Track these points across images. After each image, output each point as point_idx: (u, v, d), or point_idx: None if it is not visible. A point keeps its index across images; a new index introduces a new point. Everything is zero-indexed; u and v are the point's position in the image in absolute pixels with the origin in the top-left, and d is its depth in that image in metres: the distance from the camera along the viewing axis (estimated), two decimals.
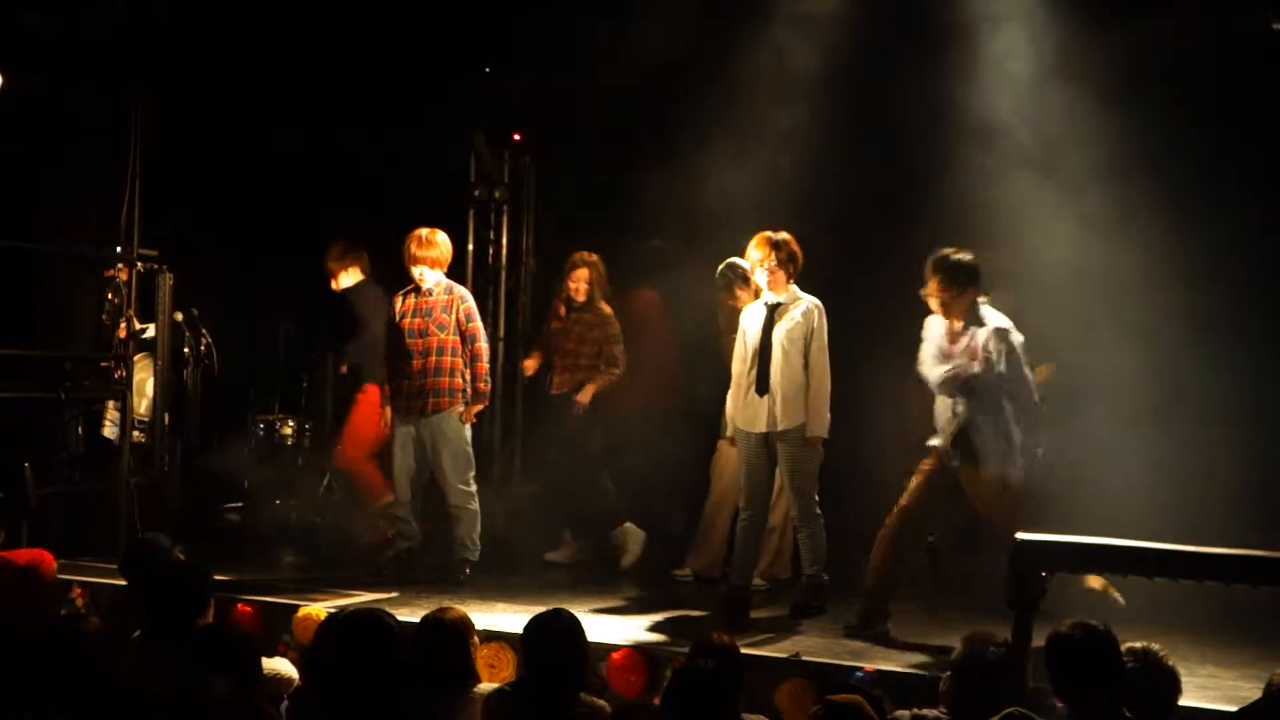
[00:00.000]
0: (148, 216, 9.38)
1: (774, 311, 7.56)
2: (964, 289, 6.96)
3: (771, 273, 7.52)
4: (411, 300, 8.30)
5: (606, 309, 8.99)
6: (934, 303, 7.00)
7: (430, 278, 8.25)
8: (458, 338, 8.25)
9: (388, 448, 8.45)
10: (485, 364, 8.35)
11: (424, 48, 10.43)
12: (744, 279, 8.09)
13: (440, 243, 8.29)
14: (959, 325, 7.00)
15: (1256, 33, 7.93)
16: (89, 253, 9.73)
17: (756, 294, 7.84)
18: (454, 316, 8.25)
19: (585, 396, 8.86)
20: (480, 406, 8.38)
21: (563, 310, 9.04)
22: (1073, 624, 4.64)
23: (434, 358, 8.20)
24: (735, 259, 8.24)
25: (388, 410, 8.33)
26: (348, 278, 9.62)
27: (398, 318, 8.31)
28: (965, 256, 7.00)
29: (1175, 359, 8.30)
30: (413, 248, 8.22)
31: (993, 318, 6.99)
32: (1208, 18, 8.26)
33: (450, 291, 8.31)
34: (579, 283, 8.95)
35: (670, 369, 9.29)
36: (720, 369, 8.15)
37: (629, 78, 9.24)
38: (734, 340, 7.96)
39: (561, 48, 9.88)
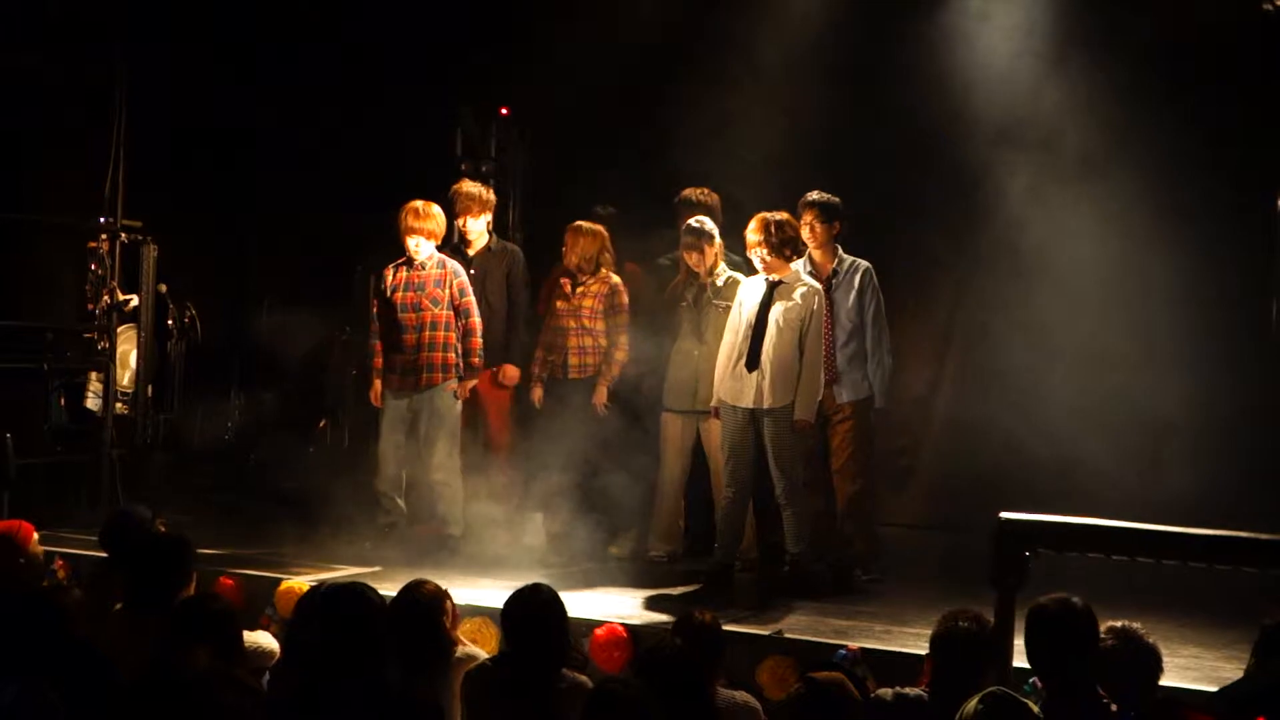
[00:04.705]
0: (133, 187, 9.33)
1: (774, 289, 7.54)
2: (835, 225, 7.85)
3: (768, 255, 7.51)
4: (404, 274, 8.24)
5: (615, 278, 8.47)
6: (808, 233, 7.75)
7: (425, 250, 8.19)
8: (451, 312, 8.20)
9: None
10: (479, 339, 8.29)
11: (412, 20, 10.39)
12: (710, 238, 8.04)
13: (436, 215, 8.21)
14: (829, 265, 7.85)
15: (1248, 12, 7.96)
16: (73, 223, 9.69)
17: (718, 256, 8.02)
18: (447, 291, 8.20)
19: (601, 398, 8.32)
20: (474, 381, 8.33)
21: (568, 286, 8.46)
22: (1051, 598, 4.65)
23: (428, 333, 8.16)
24: (701, 216, 8.18)
25: (377, 384, 8.28)
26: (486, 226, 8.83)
27: (389, 291, 8.24)
28: (833, 197, 7.85)
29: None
30: (410, 219, 8.14)
31: (856, 258, 7.89)
32: None
33: (443, 266, 8.25)
34: (571, 253, 8.35)
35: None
36: (673, 338, 8.18)
37: (617, 51, 9.23)
38: (686, 309, 8.09)
39: (549, 19, 9.85)
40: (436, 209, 8.22)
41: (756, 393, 7.47)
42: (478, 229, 8.67)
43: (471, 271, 8.51)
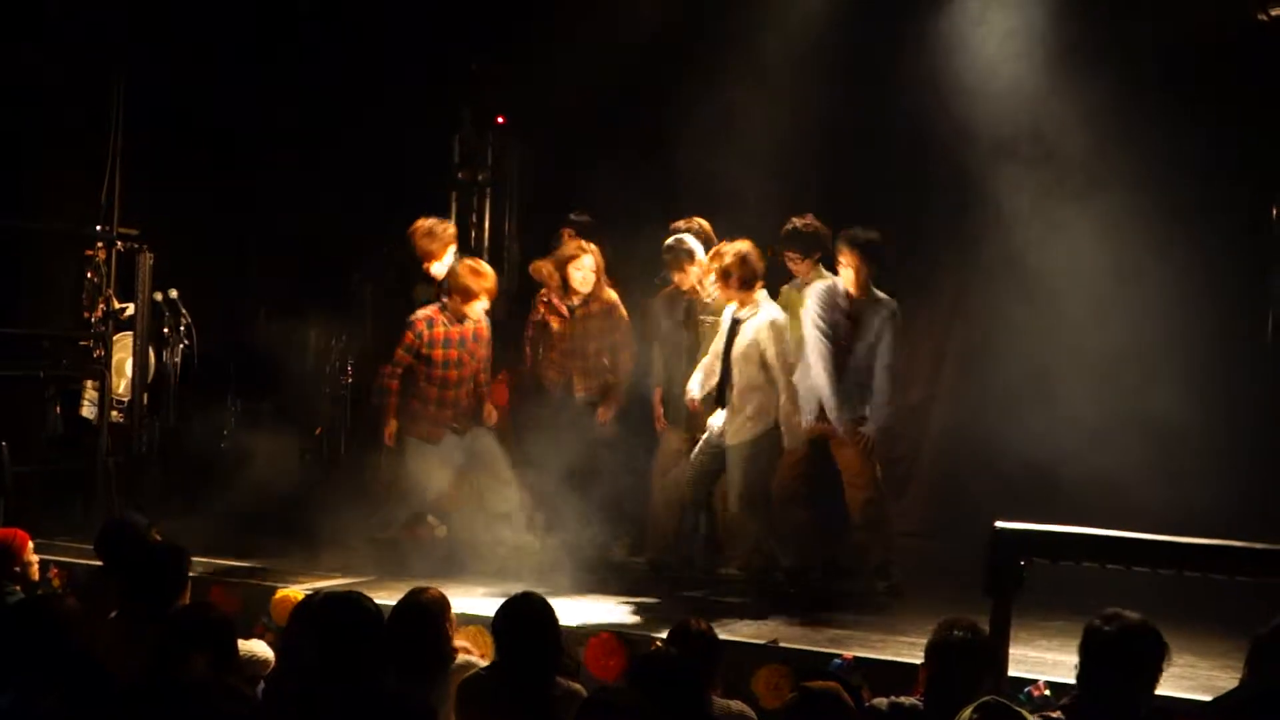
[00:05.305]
0: (130, 191, 9.33)
1: (735, 326, 7.61)
2: (875, 265, 7.74)
3: (716, 283, 7.65)
4: (442, 330, 8.18)
5: (613, 296, 8.55)
6: (850, 275, 7.64)
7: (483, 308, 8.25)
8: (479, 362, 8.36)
9: None
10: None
11: (411, 26, 10.40)
12: (689, 256, 8.05)
13: (490, 271, 8.26)
14: (861, 297, 7.71)
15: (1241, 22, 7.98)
16: (69, 230, 9.68)
17: (704, 272, 7.98)
18: (482, 345, 8.31)
19: (608, 414, 8.46)
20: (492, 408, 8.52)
21: (564, 308, 8.50)
22: (1108, 614, 4.59)
23: (467, 386, 8.29)
24: (682, 235, 8.18)
25: (394, 424, 8.23)
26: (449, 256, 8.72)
27: (426, 347, 8.16)
28: (873, 234, 7.71)
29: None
30: (477, 281, 8.11)
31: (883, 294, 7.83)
32: (1193, 7, 8.31)
33: (478, 321, 8.30)
34: (585, 271, 8.41)
35: None
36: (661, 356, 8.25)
37: (616, 56, 9.24)
38: (672, 325, 8.17)
39: (549, 20, 9.86)
40: (486, 265, 8.23)
41: (722, 428, 7.58)
42: (443, 269, 8.58)
43: (443, 300, 8.48)
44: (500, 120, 10.85)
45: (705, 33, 9.71)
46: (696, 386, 7.78)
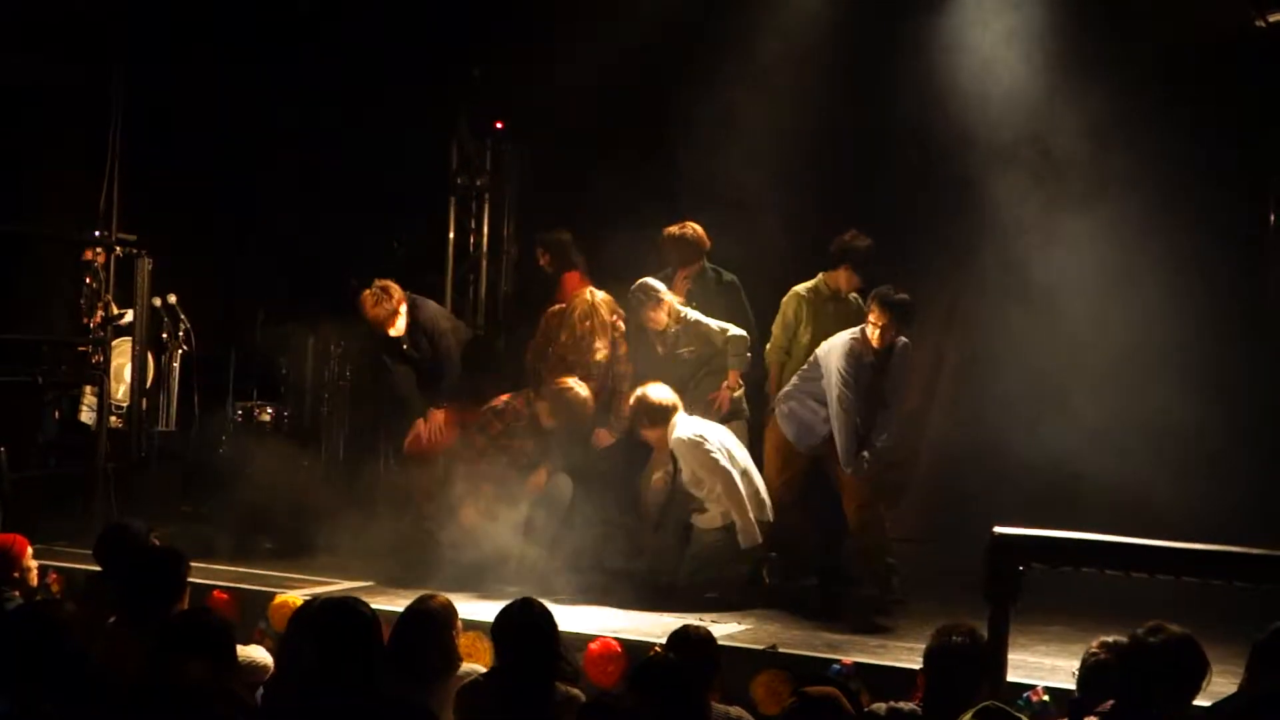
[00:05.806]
0: (129, 196, 9.33)
1: (674, 459, 7.80)
2: (903, 325, 7.67)
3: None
4: (523, 424, 8.17)
5: (620, 328, 8.47)
6: (877, 333, 7.58)
7: None
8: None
9: None
10: None
11: (406, 34, 10.41)
12: (656, 300, 8.08)
13: (591, 402, 8.14)
14: (882, 349, 7.64)
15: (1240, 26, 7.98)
16: (67, 235, 9.68)
17: (669, 315, 8.12)
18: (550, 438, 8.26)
19: (609, 440, 8.50)
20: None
21: (565, 336, 8.40)
22: (1152, 625, 4.57)
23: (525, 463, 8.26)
24: (647, 279, 8.19)
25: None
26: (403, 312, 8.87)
27: (505, 437, 8.16)
28: (905, 296, 7.61)
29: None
30: (583, 409, 8.05)
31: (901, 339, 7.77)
32: (1190, 12, 8.32)
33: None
34: (587, 335, 8.35)
35: None
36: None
37: (612, 60, 9.24)
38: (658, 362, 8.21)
39: (545, 33, 9.86)
40: (589, 392, 8.10)
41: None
42: (400, 328, 8.79)
43: (404, 346, 8.75)
44: (499, 125, 10.86)
45: (705, 33, 9.71)
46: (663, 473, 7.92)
